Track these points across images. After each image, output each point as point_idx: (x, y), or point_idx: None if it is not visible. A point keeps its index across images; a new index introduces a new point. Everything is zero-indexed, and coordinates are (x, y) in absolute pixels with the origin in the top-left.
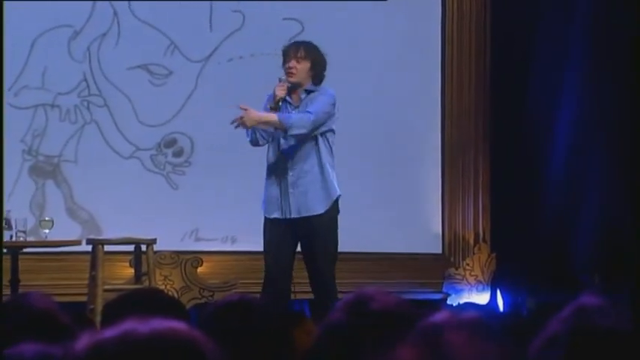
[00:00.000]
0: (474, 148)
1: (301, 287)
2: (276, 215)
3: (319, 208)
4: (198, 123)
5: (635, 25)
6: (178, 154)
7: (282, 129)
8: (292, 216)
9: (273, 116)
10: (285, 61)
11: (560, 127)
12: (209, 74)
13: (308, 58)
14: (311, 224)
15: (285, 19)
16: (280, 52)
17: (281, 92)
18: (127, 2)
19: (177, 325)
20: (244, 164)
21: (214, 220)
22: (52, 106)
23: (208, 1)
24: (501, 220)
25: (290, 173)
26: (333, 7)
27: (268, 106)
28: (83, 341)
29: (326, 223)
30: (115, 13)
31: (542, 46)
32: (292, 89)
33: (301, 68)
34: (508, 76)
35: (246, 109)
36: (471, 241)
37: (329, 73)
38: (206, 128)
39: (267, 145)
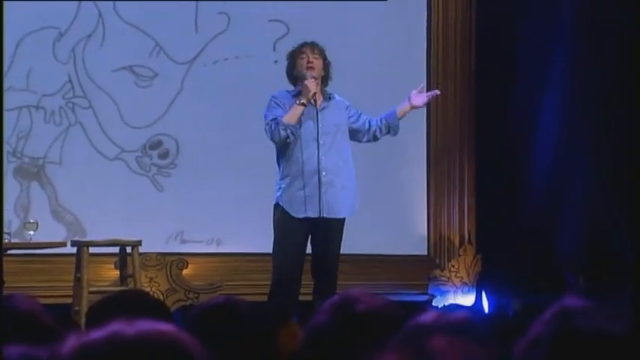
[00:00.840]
0: (460, 149)
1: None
2: (309, 214)
3: (345, 212)
4: (183, 125)
5: (622, 21)
6: (164, 155)
7: (395, 127)
8: (323, 215)
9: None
10: (299, 57)
11: (546, 128)
12: (194, 76)
13: (321, 58)
14: (333, 226)
15: (270, 20)
16: (261, 55)
17: (314, 87)
18: (111, 3)
19: (165, 326)
20: (230, 166)
21: (200, 222)
22: (37, 107)
23: (194, 2)
24: (487, 222)
25: (323, 172)
26: (318, 8)
27: (298, 102)
28: (70, 343)
29: (342, 226)
30: (100, 15)
31: (528, 46)
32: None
33: (317, 65)
34: (493, 77)
35: None
36: (457, 243)
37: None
38: (191, 130)
39: (281, 143)
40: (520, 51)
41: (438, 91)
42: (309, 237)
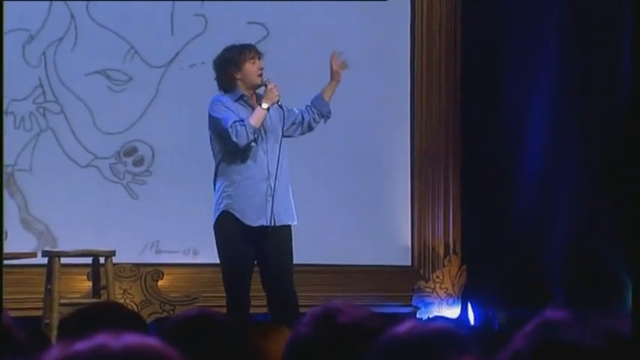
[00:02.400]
0: (445, 156)
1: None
2: (262, 222)
3: (292, 219)
4: (159, 131)
5: (613, 26)
6: (138, 163)
7: (326, 112)
8: (276, 224)
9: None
10: (248, 62)
11: (533, 136)
12: (170, 80)
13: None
14: (284, 234)
15: (249, 22)
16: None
17: (279, 92)
18: (84, 4)
19: (151, 340)
20: (207, 174)
21: (176, 232)
22: (6, 112)
23: (170, 2)
24: (472, 231)
25: (271, 179)
26: (298, 10)
27: (263, 106)
28: (53, 354)
29: (291, 234)
30: (72, 17)
31: (515, 52)
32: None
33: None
34: (479, 83)
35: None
36: (441, 253)
37: (297, 80)
38: (167, 136)
39: (246, 147)
40: (507, 56)
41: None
42: (254, 247)
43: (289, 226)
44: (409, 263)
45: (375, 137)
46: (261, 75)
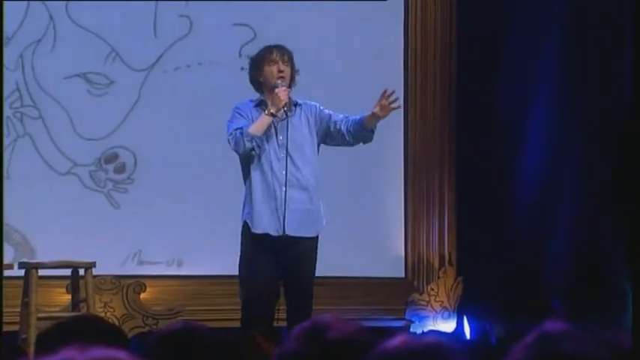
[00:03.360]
0: (439, 164)
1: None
2: (268, 231)
3: (312, 231)
4: (141, 137)
5: (610, 21)
6: (120, 170)
7: (365, 137)
8: (287, 235)
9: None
10: (267, 63)
11: (531, 143)
12: (153, 84)
13: (290, 64)
14: (303, 247)
15: (235, 24)
16: (225, 61)
17: (285, 96)
18: (63, 4)
19: (119, 354)
20: (191, 181)
21: (159, 242)
22: None
23: (153, 2)
24: (468, 242)
25: (284, 188)
26: (287, 12)
27: (267, 112)
28: None
29: (313, 246)
30: (51, 17)
31: (514, 55)
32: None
33: (287, 72)
34: (476, 87)
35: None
36: (436, 264)
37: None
38: (150, 142)
39: (245, 155)
40: (505, 57)
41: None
42: (273, 258)
43: (312, 239)
44: (402, 275)
45: (367, 144)
46: (280, 78)
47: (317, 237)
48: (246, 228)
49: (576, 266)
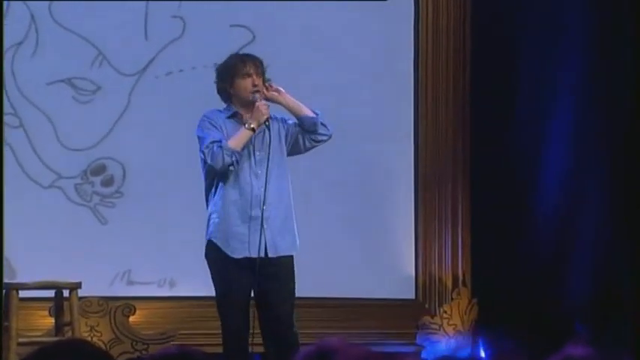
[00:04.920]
0: (452, 178)
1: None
2: (246, 254)
3: (290, 249)
4: (131, 147)
5: (632, 34)
6: (108, 182)
7: (311, 126)
8: (269, 255)
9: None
10: (240, 76)
11: (551, 155)
12: (144, 90)
13: (262, 75)
14: (283, 266)
15: (232, 25)
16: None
17: (268, 111)
18: (46, 3)
19: None
20: (185, 195)
21: (149, 261)
22: None
23: (143, 2)
24: (484, 261)
25: (264, 206)
26: (288, 12)
27: (248, 126)
28: None
29: (293, 265)
30: (33, 18)
31: (532, 61)
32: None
33: (261, 85)
34: (492, 94)
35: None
36: (449, 285)
37: (285, 88)
38: (140, 153)
39: (223, 171)
40: (522, 67)
41: None
42: (247, 280)
43: (290, 257)
44: (413, 296)
45: (373, 155)
46: (255, 92)
47: (293, 256)
48: (215, 249)
49: (600, 286)
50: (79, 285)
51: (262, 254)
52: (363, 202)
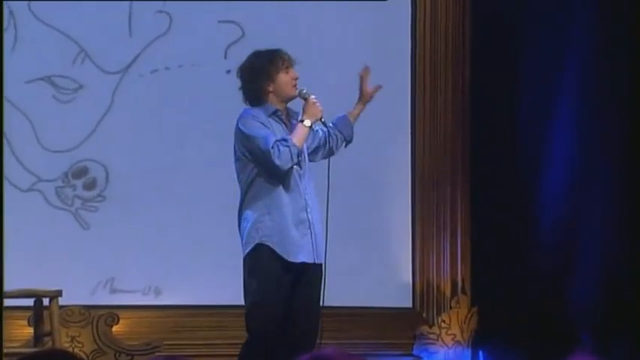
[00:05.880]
0: (451, 181)
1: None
2: (304, 259)
3: (322, 256)
4: (114, 148)
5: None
6: (90, 186)
7: (349, 135)
8: (315, 261)
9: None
10: (282, 71)
11: (554, 158)
12: (128, 88)
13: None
14: (318, 273)
15: (221, 21)
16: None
17: (321, 108)
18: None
19: None
20: (171, 199)
21: (134, 268)
22: None
23: (127, 0)
24: (484, 268)
25: (308, 209)
26: (278, 8)
27: (307, 124)
28: None
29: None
30: (12, 14)
31: (532, 61)
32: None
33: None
34: (492, 91)
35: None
36: (448, 293)
37: None
38: (124, 155)
39: (283, 171)
40: (525, 64)
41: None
42: (290, 286)
43: (321, 265)
44: (410, 305)
45: (369, 155)
46: (295, 85)
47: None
48: (267, 253)
49: (606, 294)
50: (59, 293)
51: (313, 260)
52: (358, 205)
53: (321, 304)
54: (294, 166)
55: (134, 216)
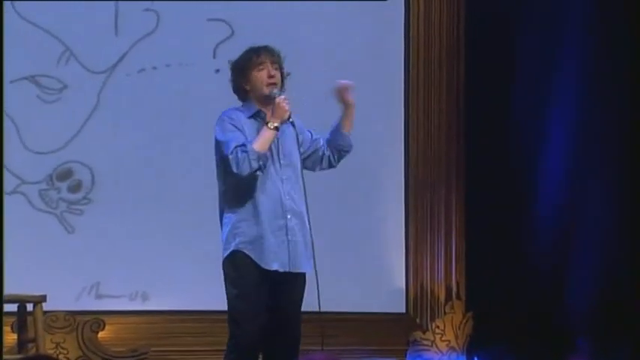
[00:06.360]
0: (446, 182)
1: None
2: (276, 267)
3: (308, 265)
4: (100, 150)
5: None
6: (75, 188)
7: (346, 146)
8: (290, 270)
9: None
10: (255, 69)
11: (551, 159)
12: (114, 88)
13: (280, 68)
14: (298, 283)
15: (210, 20)
16: (198, 63)
17: (289, 107)
18: None
19: None
20: (158, 201)
21: (120, 272)
22: None
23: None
24: (479, 272)
25: (288, 215)
26: (269, 6)
27: (271, 126)
28: None
29: (305, 284)
30: None
31: (527, 59)
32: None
33: (278, 78)
34: (487, 92)
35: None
36: (442, 298)
37: None
38: (110, 156)
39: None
40: (520, 62)
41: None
42: (267, 293)
43: (303, 275)
44: (403, 310)
45: (361, 158)
46: (271, 84)
47: (305, 275)
48: (243, 260)
49: (603, 299)
50: (43, 298)
51: (287, 269)
52: (349, 209)
53: (314, 309)
54: (263, 170)
55: (120, 219)
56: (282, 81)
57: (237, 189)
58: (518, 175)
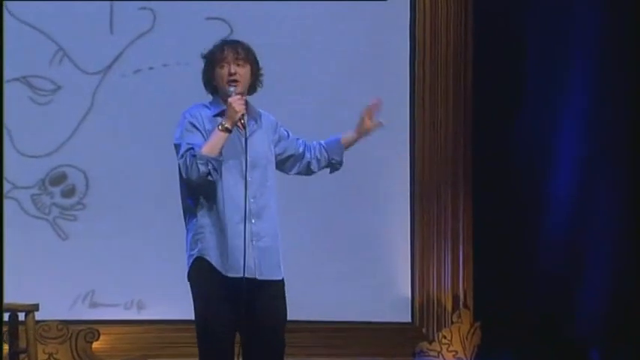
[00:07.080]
0: (453, 188)
1: None
2: (237, 274)
3: (278, 272)
4: (94, 153)
5: None
6: (68, 193)
7: (337, 162)
8: (257, 277)
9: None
10: (217, 65)
11: (561, 163)
12: (109, 89)
13: (248, 62)
14: (274, 290)
15: (208, 18)
16: (196, 63)
17: (242, 107)
18: None
19: None
20: (154, 207)
21: (115, 280)
22: None
23: None
24: (487, 281)
25: (253, 220)
26: (269, 4)
27: (221, 127)
28: None
29: (283, 290)
30: None
31: (537, 60)
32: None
33: (243, 75)
34: (496, 93)
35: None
36: (449, 307)
37: (266, 91)
38: (105, 160)
39: (201, 182)
40: (530, 64)
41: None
42: (235, 303)
43: (280, 282)
44: (409, 319)
45: (365, 162)
46: (231, 82)
47: (283, 280)
48: (207, 268)
49: (614, 306)
50: (36, 307)
51: (251, 275)
52: (354, 215)
53: (283, 327)
54: (213, 175)
55: (115, 225)
56: (255, 79)
57: (198, 193)
58: (527, 180)
